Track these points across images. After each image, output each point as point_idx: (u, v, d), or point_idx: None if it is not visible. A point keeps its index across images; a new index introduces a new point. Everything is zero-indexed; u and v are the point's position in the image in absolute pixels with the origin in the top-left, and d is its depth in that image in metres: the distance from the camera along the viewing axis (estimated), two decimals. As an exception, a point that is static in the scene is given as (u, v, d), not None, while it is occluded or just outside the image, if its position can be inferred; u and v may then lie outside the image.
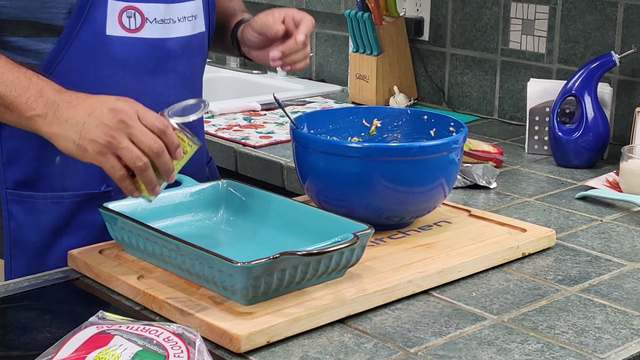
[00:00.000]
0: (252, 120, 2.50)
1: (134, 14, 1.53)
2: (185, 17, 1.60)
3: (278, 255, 1.24)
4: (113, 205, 1.46)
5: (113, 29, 1.52)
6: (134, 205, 1.48)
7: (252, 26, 1.69)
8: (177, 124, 1.39)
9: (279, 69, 2.53)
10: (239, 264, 1.23)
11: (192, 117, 1.42)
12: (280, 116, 2.55)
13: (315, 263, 1.30)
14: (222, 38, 1.79)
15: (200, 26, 1.65)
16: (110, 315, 1.17)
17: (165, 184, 1.39)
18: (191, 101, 1.45)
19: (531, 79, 2.25)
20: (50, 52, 1.50)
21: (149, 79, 1.58)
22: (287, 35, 1.66)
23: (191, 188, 1.57)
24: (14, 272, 1.58)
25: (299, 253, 1.25)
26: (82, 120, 1.33)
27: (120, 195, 1.49)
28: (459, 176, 1.89)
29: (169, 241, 1.34)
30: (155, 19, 1.56)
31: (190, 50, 1.64)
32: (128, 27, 1.53)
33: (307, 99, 2.78)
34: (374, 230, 1.37)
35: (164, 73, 1.60)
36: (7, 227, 1.59)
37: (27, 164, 1.57)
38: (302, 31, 1.63)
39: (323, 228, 1.41)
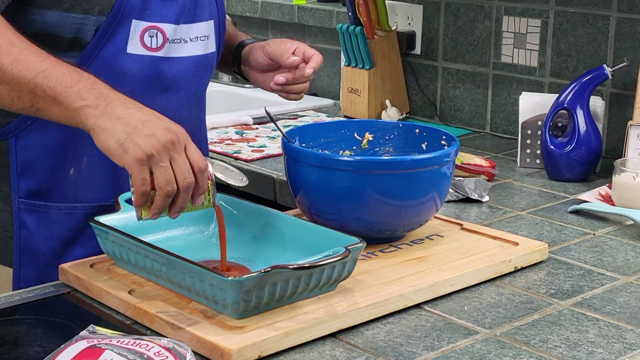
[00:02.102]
0: (244, 134, 2.50)
1: (156, 33, 1.56)
2: (198, 37, 1.63)
3: (269, 269, 1.24)
4: (104, 219, 1.46)
5: (134, 47, 1.54)
6: (125, 219, 1.47)
7: (265, 50, 1.76)
8: (213, 175, 1.40)
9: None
10: (230, 278, 1.23)
11: (224, 178, 1.45)
12: (272, 130, 2.55)
13: (307, 277, 1.30)
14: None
15: (211, 46, 1.68)
16: (101, 330, 1.17)
17: (165, 216, 1.38)
18: (235, 170, 1.49)
19: (523, 93, 2.25)
20: None
21: (163, 96, 1.60)
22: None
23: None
24: (23, 280, 1.59)
25: (291, 267, 1.25)
26: (135, 124, 1.32)
27: None
28: (451, 190, 1.89)
29: (160, 255, 1.33)
30: (174, 39, 1.58)
31: (201, 69, 1.67)
32: (149, 46, 1.55)
33: (299, 113, 2.78)
34: (365, 244, 1.37)
35: (178, 90, 1.62)
36: (17, 235, 1.59)
37: (41, 174, 1.57)
38: (312, 66, 1.73)
39: (314, 241, 1.41)
